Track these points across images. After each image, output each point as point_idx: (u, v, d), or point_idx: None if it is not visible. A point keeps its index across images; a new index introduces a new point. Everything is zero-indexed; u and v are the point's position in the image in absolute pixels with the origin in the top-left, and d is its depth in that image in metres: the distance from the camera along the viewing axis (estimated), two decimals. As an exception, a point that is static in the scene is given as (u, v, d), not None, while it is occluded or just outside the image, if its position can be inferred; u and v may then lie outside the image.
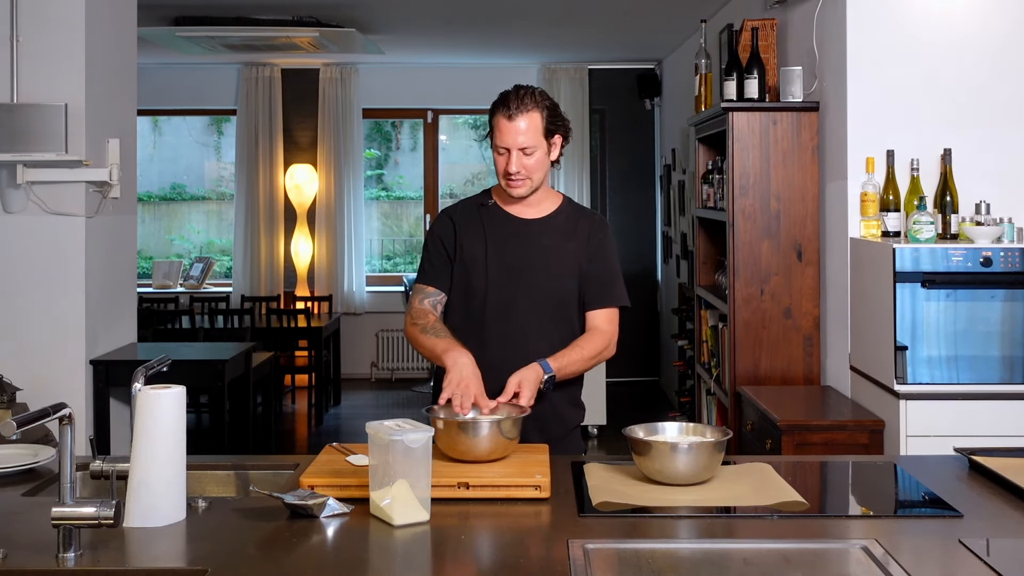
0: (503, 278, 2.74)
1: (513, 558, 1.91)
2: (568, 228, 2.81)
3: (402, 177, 10.13)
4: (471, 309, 2.76)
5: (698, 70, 5.28)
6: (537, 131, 2.69)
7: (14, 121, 4.40)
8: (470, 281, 2.76)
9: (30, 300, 4.56)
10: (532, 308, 2.74)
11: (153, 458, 2.04)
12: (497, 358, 2.67)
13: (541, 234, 2.79)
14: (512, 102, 2.69)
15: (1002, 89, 4.04)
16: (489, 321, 2.73)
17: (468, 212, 2.84)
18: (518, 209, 2.81)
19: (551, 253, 2.77)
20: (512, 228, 2.79)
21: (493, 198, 2.84)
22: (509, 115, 2.68)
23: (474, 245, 2.77)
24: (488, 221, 2.80)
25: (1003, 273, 3.49)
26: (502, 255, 2.76)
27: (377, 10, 7.08)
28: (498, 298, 2.73)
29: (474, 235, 2.78)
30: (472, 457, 2.33)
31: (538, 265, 2.76)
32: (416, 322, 2.75)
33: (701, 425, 2.44)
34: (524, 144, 2.68)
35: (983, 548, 1.90)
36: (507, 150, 2.69)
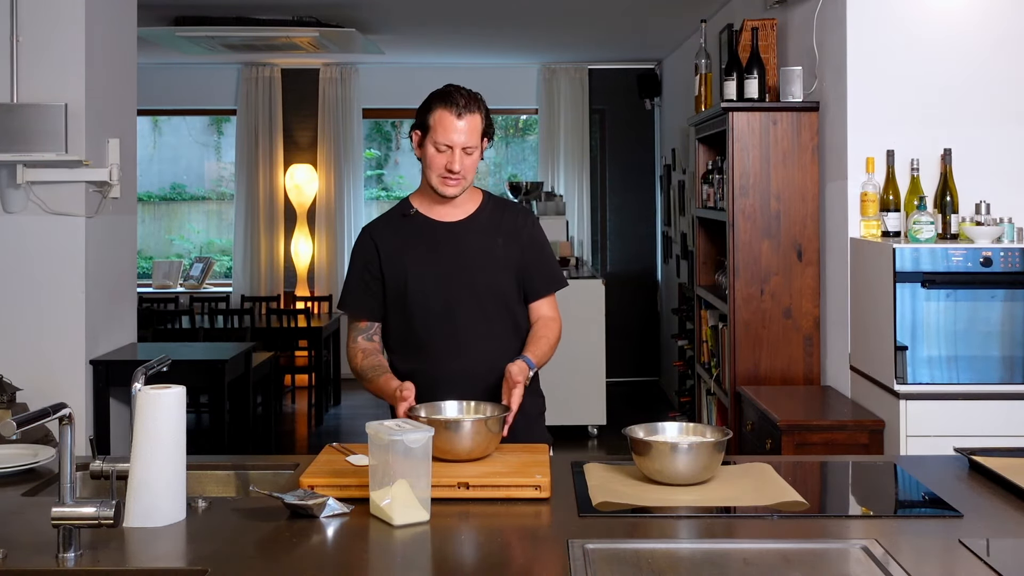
0: (439, 286, 2.70)
1: (513, 558, 1.91)
2: (494, 224, 2.78)
3: (402, 177, 10.13)
4: (411, 321, 2.71)
5: (698, 70, 5.28)
6: (478, 132, 2.69)
7: (14, 121, 4.40)
8: (406, 295, 2.71)
9: (30, 300, 4.56)
10: (472, 310, 2.71)
11: (153, 458, 2.04)
12: (446, 366, 2.66)
13: (469, 235, 2.75)
14: (460, 100, 2.67)
15: (1002, 89, 4.04)
16: (432, 330, 2.70)
17: (390, 227, 2.78)
18: (442, 213, 2.76)
19: (482, 252, 2.74)
20: (439, 234, 2.74)
21: (414, 206, 2.79)
22: (458, 113, 2.65)
23: (403, 259, 2.72)
24: (413, 231, 2.75)
25: (1003, 273, 3.49)
26: (433, 263, 2.71)
27: (377, 10, 7.08)
28: (437, 306, 2.69)
29: (400, 249, 2.73)
30: (455, 456, 2.33)
31: (472, 266, 2.72)
32: (352, 365, 2.74)
33: (701, 425, 2.44)
34: (467, 143, 2.66)
35: (983, 548, 1.90)
36: (449, 148, 2.66)
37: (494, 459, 2.38)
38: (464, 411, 2.51)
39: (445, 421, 2.36)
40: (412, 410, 2.46)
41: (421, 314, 2.70)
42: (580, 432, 7.09)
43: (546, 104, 9.43)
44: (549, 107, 9.43)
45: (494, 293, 2.73)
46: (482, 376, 2.65)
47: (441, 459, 2.31)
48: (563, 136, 9.40)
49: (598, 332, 7.07)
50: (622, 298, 9.23)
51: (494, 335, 2.72)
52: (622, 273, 9.51)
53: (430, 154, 2.70)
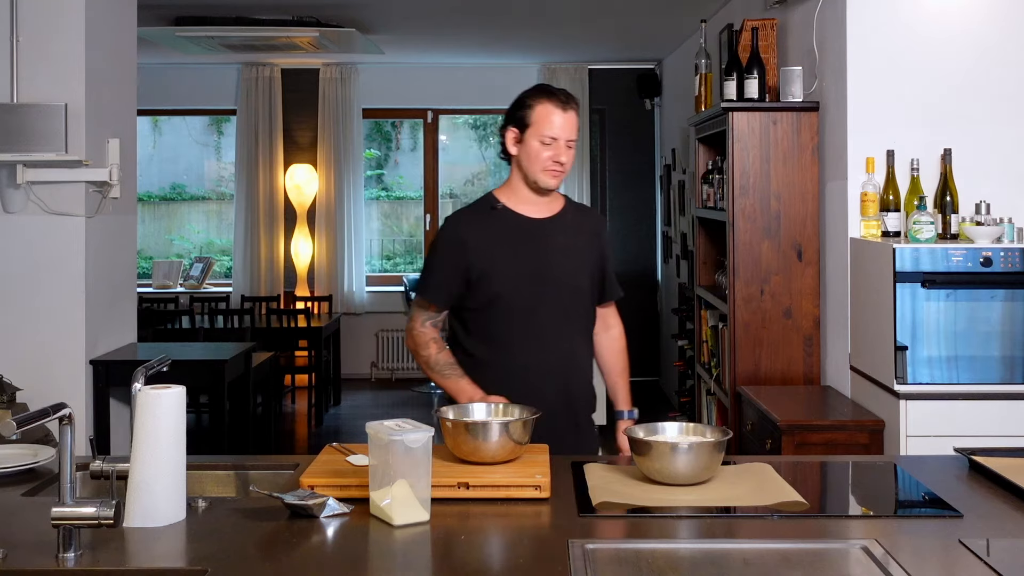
0: (524, 281, 2.75)
1: (513, 558, 1.91)
2: (576, 225, 2.86)
3: (402, 177, 10.13)
4: (495, 313, 2.76)
5: (698, 70, 5.28)
6: (577, 126, 2.76)
7: (14, 121, 4.40)
8: (491, 287, 2.75)
9: (30, 300, 4.56)
10: (554, 306, 2.77)
11: (153, 458, 2.04)
12: (524, 360, 2.72)
13: (554, 234, 2.81)
14: (562, 95, 2.74)
15: (1002, 89, 4.04)
16: (514, 323, 2.75)
17: (478, 219, 2.81)
18: (529, 210, 2.81)
19: (566, 251, 2.81)
20: (527, 230, 2.79)
21: (501, 201, 2.82)
22: (563, 106, 2.72)
23: (490, 252, 2.75)
24: (501, 226, 2.79)
25: (1003, 273, 3.49)
26: (521, 258, 2.76)
27: (377, 10, 7.08)
28: (521, 301, 2.75)
29: (488, 242, 2.77)
30: (478, 458, 2.33)
31: (555, 264, 2.78)
32: (419, 351, 2.81)
33: (701, 425, 2.44)
34: (571, 137, 2.74)
35: (983, 548, 1.90)
36: (555, 140, 2.71)
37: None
38: (493, 413, 2.51)
39: (470, 424, 2.35)
40: (444, 410, 2.46)
41: (506, 307, 2.75)
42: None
43: (546, 104, 9.42)
44: (549, 107, 9.42)
45: (573, 291, 2.81)
46: (557, 371, 2.76)
47: (467, 461, 2.32)
48: (563, 136, 9.38)
49: (598, 332, 7.06)
50: (622, 298, 9.22)
51: (571, 332, 2.81)
52: (622, 273, 9.39)
53: (534, 148, 2.73)
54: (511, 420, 2.36)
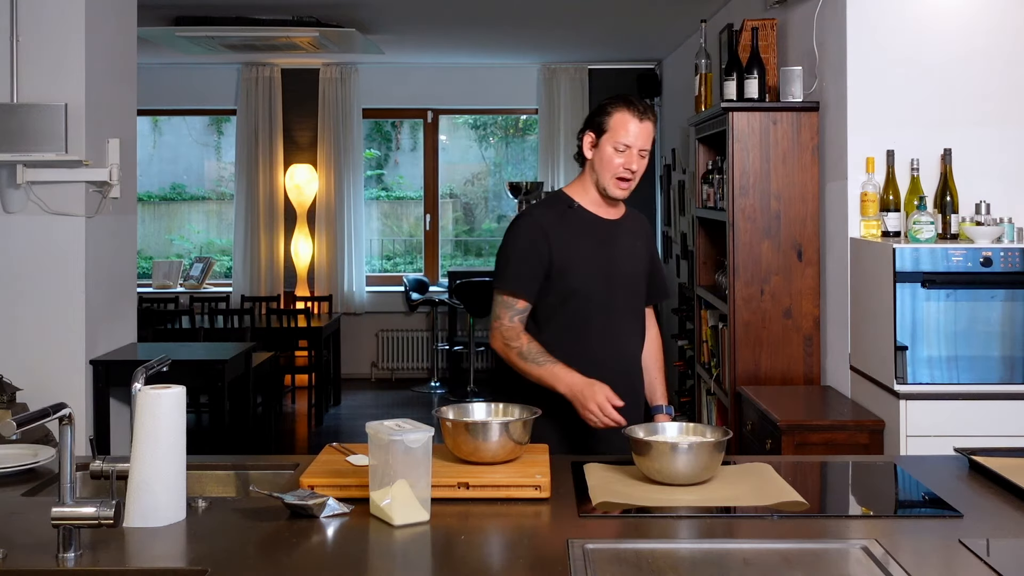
0: (599, 278, 2.82)
1: (513, 558, 1.91)
2: (636, 228, 2.96)
3: (402, 177, 10.13)
4: (573, 309, 2.81)
5: (698, 70, 5.28)
6: (652, 137, 2.82)
7: (14, 121, 4.40)
8: (570, 284, 2.80)
9: (30, 300, 4.56)
10: (624, 304, 2.87)
11: (153, 458, 2.04)
12: (601, 354, 2.80)
13: (622, 234, 2.90)
14: (640, 105, 2.78)
15: (1002, 89, 4.04)
16: (592, 320, 2.81)
17: (557, 216, 2.85)
18: (601, 211, 2.88)
19: (630, 251, 2.90)
20: (602, 229, 2.86)
21: (575, 200, 2.88)
22: (640, 116, 2.76)
23: (570, 248, 2.81)
24: (579, 225, 2.85)
25: (1003, 273, 3.49)
26: (598, 257, 2.83)
27: (377, 10, 7.08)
28: (597, 297, 2.81)
29: (568, 238, 2.82)
30: (478, 458, 2.33)
31: (624, 263, 2.87)
32: (510, 344, 2.78)
33: (701, 425, 2.44)
34: (644, 146, 2.79)
35: (983, 548, 1.90)
36: (628, 148, 2.76)
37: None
38: (492, 413, 2.50)
39: (469, 423, 2.35)
40: (440, 412, 2.44)
41: (584, 303, 2.80)
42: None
43: (546, 104, 9.44)
44: (549, 107, 9.43)
45: (635, 292, 2.92)
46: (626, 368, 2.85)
47: (467, 461, 2.32)
48: (563, 136, 9.39)
49: (598, 332, 7.06)
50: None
51: (633, 331, 2.92)
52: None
53: (607, 155, 2.79)
54: (511, 420, 2.36)
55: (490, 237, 10.13)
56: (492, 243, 10.10)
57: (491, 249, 10.11)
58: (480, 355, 9.35)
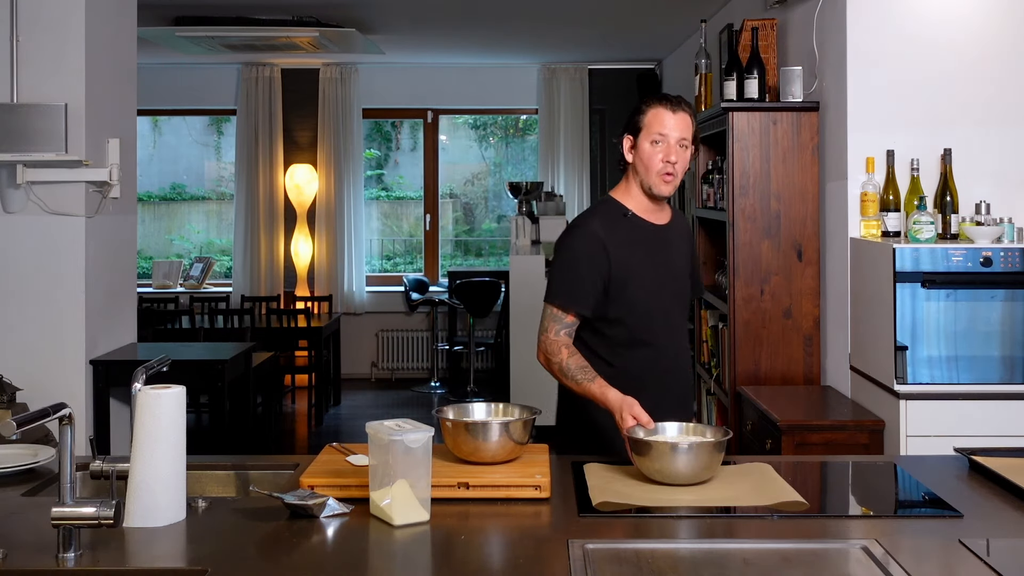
0: (658, 286, 2.78)
1: (513, 558, 1.91)
2: (682, 230, 2.93)
3: (402, 177, 10.13)
4: (631, 320, 2.75)
5: (698, 70, 5.28)
6: (689, 128, 2.74)
7: (14, 121, 4.40)
8: (631, 294, 2.73)
9: (30, 300, 4.56)
10: (680, 310, 2.87)
11: (153, 458, 2.04)
12: (657, 364, 2.76)
13: (672, 239, 2.86)
14: (672, 97, 2.76)
15: (1002, 89, 4.04)
16: (656, 329, 2.77)
17: (613, 226, 2.78)
18: (652, 216, 2.82)
19: (680, 256, 2.87)
20: (655, 236, 2.81)
21: (629, 208, 2.81)
22: (673, 108, 2.72)
23: (628, 258, 2.74)
24: (635, 233, 2.78)
25: (1003, 273, 3.49)
26: (654, 266, 2.79)
27: (377, 10, 7.08)
28: (657, 307, 2.78)
29: (627, 249, 2.75)
30: (478, 458, 2.33)
31: (676, 269, 2.84)
32: (551, 359, 2.71)
33: (701, 425, 2.44)
34: (682, 136, 2.71)
35: (983, 548, 1.90)
36: (664, 137, 2.70)
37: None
38: (492, 413, 2.50)
39: (469, 424, 2.35)
40: (440, 412, 2.44)
41: (642, 314, 2.75)
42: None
43: (546, 104, 9.44)
44: (549, 107, 9.43)
45: (681, 296, 2.89)
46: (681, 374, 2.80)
47: (467, 461, 2.32)
48: (563, 136, 9.40)
49: (598, 332, 7.06)
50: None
51: (684, 333, 2.90)
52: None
53: (646, 152, 2.73)
54: (511, 420, 2.36)
55: (490, 237, 10.13)
56: (492, 243, 10.11)
57: (491, 249, 10.11)
58: (480, 355, 9.35)
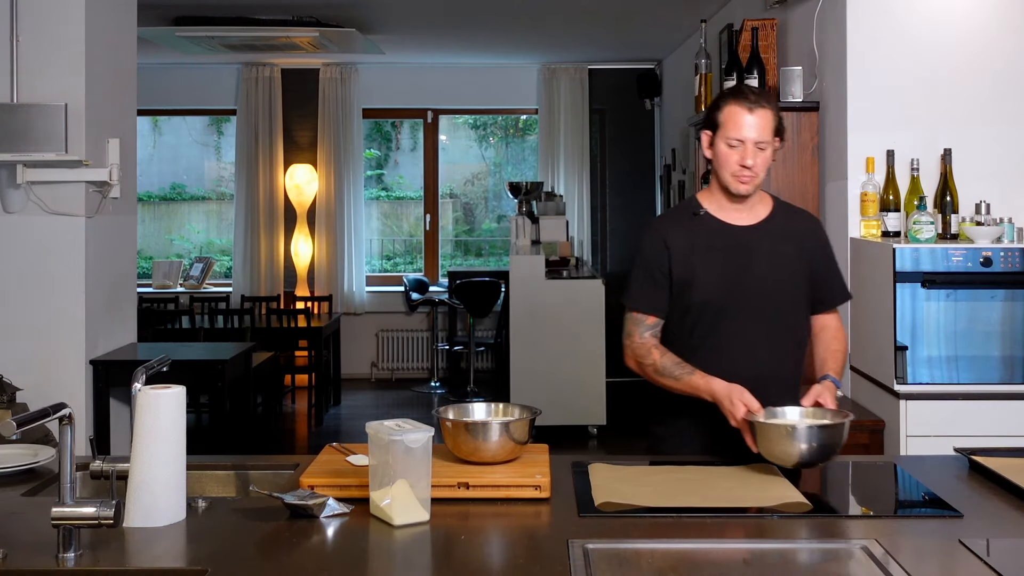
0: (724, 291, 2.65)
1: (513, 558, 1.91)
2: (785, 231, 2.72)
3: (402, 177, 10.13)
4: (692, 322, 2.67)
5: (698, 70, 5.28)
6: (769, 127, 2.62)
7: (14, 121, 4.40)
8: (691, 296, 2.66)
9: (30, 300, 4.56)
10: (754, 318, 2.66)
11: (153, 458, 2.04)
12: (717, 369, 2.60)
13: (759, 240, 2.69)
14: (750, 95, 2.63)
15: (1002, 89, 4.04)
16: (710, 333, 2.66)
17: (679, 226, 2.73)
18: (732, 216, 2.71)
19: (771, 259, 2.68)
20: (729, 238, 2.69)
21: (703, 207, 2.74)
22: (749, 107, 2.60)
23: (691, 259, 2.67)
24: (703, 232, 2.70)
25: (1003, 273, 3.49)
26: (722, 267, 2.66)
27: (377, 10, 7.08)
28: (720, 310, 2.66)
29: (689, 249, 2.68)
30: (478, 458, 2.33)
31: (759, 272, 2.67)
32: (643, 361, 2.67)
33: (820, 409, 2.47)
34: (759, 138, 2.60)
35: (983, 548, 1.90)
36: (741, 142, 2.60)
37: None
38: (492, 413, 2.50)
39: (469, 424, 2.34)
40: (440, 412, 2.43)
41: (702, 316, 2.66)
42: (580, 432, 7.09)
43: (546, 104, 9.44)
44: (549, 107, 9.43)
45: (778, 300, 2.68)
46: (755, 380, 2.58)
47: (467, 461, 2.32)
48: (563, 136, 9.40)
49: (598, 332, 7.07)
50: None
51: (772, 342, 2.69)
52: (622, 273, 9.48)
53: (722, 152, 2.64)
54: (511, 420, 2.36)
55: (490, 237, 10.13)
56: (492, 243, 10.11)
57: (491, 249, 10.11)
58: (480, 355, 9.35)
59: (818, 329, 2.78)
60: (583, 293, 7.10)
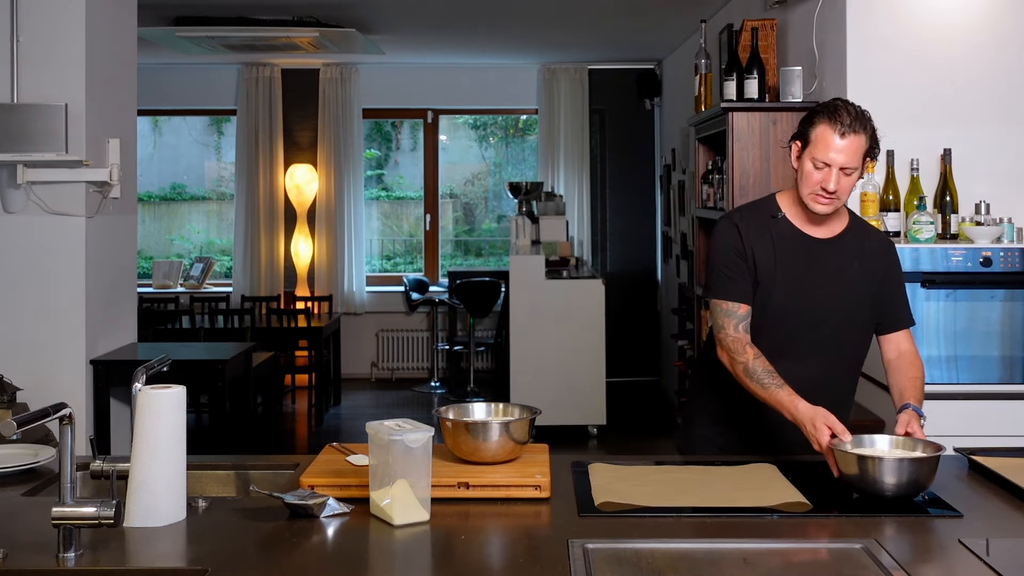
0: (787, 297, 2.63)
1: (513, 558, 1.91)
2: (856, 248, 2.69)
3: (402, 177, 10.13)
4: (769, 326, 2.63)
5: (698, 70, 5.28)
6: (860, 153, 2.56)
7: (14, 121, 4.40)
8: (768, 296, 2.63)
9: (30, 300, 4.56)
10: (814, 329, 2.63)
11: (153, 458, 2.04)
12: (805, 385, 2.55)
13: (830, 256, 2.66)
14: (846, 118, 2.54)
15: (1002, 89, 4.04)
16: (794, 342, 2.62)
17: (756, 223, 2.69)
18: (808, 227, 2.67)
19: (838, 274, 2.64)
20: (803, 246, 2.65)
21: (782, 211, 2.70)
22: (842, 131, 2.53)
23: (767, 259, 2.64)
24: (778, 236, 2.66)
25: (1003, 273, 3.49)
26: (790, 273, 2.63)
27: (377, 10, 7.08)
28: (780, 317, 2.63)
29: (763, 248, 2.65)
30: (478, 458, 2.33)
31: (825, 286, 2.63)
32: (736, 358, 2.59)
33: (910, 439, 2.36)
34: (846, 164, 2.54)
35: (983, 548, 1.90)
36: (827, 165, 2.54)
37: (494, 459, 2.37)
38: (492, 413, 2.50)
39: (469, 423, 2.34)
40: (441, 412, 2.42)
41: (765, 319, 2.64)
42: (580, 432, 7.09)
43: (546, 104, 9.44)
44: (549, 107, 9.44)
45: (839, 315, 2.65)
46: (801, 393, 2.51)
47: (467, 461, 2.32)
48: (563, 136, 9.40)
49: (598, 332, 7.08)
50: (622, 298, 9.24)
51: (827, 358, 2.66)
52: (622, 273, 9.51)
53: (807, 169, 2.59)
54: (511, 420, 2.36)
55: (490, 237, 10.13)
56: (492, 243, 10.11)
57: (491, 249, 10.11)
58: (480, 355, 9.35)
59: (894, 356, 2.72)
60: (583, 293, 7.11)
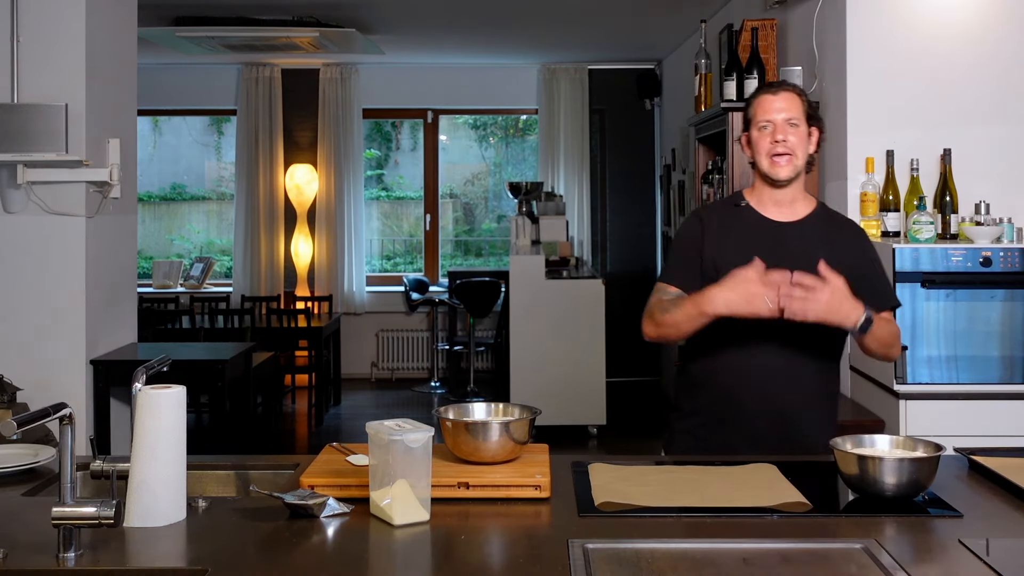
0: None
1: (513, 558, 1.91)
2: (822, 235, 2.69)
3: (402, 177, 10.13)
4: None
5: (698, 70, 5.29)
6: (798, 107, 2.64)
7: (14, 121, 4.40)
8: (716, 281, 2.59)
9: (31, 300, 4.57)
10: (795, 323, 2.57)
11: (153, 458, 2.04)
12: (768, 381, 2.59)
13: (794, 238, 2.67)
14: (773, 83, 2.72)
15: (1002, 89, 4.04)
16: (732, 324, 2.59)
17: (719, 212, 2.77)
18: (772, 212, 2.71)
19: (802, 259, 2.59)
20: (767, 231, 2.69)
21: (746, 199, 2.75)
22: (774, 90, 2.66)
23: (723, 247, 2.67)
24: (740, 223, 2.72)
25: (1003, 273, 3.49)
26: (750, 258, 2.59)
27: (377, 10, 7.08)
28: None
29: (723, 236, 2.69)
30: (478, 458, 2.33)
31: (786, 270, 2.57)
32: (653, 315, 2.67)
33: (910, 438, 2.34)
34: (789, 115, 2.62)
35: (983, 548, 1.90)
36: (770, 123, 2.63)
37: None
38: (492, 413, 2.49)
39: (469, 423, 2.34)
40: (441, 412, 2.42)
41: None
42: (580, 432, 7.09)
43: (546, 104, 9.44)
44: (549, 107, 9.44)
45: None
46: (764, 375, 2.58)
47: (466, 461, 2.32)
48: (563, 136, 9.40)
49: (598, 332, 7.08)
50: (622, 298, 9.24)
51: (787, 338, 2.62)
52: (622, 273, 9.51)
53: (755, 137, 2.67)
54: (511, 420, 2.36)
55: (490, 237, 10.13)
56: (492, 243, 10.11)
57: (491, 249, 10.11)
58: (480, 355, 9.35)
59: None
60: (583, 293, 7.11)
